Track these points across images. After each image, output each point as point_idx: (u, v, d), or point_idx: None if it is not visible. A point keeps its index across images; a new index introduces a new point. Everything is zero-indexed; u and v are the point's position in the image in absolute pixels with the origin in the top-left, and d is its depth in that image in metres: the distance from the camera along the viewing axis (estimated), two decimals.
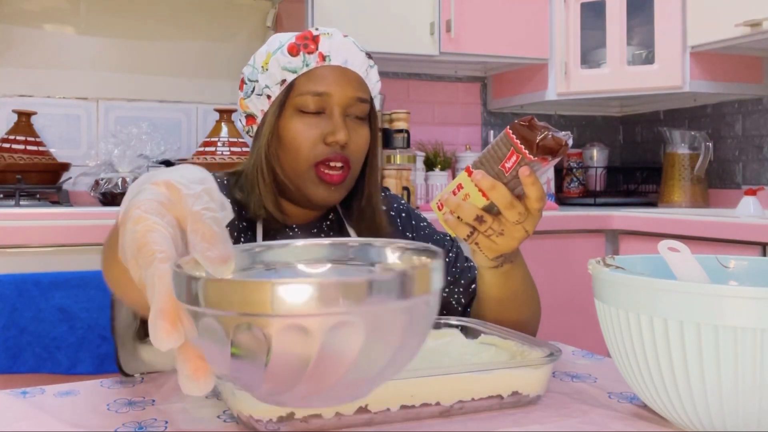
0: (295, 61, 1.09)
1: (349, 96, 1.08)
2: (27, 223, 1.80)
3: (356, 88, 1.10)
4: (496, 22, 2.67)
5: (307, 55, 1.08)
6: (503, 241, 0.91)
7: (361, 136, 1.11)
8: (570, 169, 3.12)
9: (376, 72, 1.15)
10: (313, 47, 1.09)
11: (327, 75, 1.08)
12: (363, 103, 1.10)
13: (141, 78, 2.63)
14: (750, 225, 1.96)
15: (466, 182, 0.87)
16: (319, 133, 1.07)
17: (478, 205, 0.87)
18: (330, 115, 1.08)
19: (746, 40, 2.33)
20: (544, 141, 0.82)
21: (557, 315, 2.34)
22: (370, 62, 1.14)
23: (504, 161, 0.85)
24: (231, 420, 0.75)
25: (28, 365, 1.45)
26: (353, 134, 1.09)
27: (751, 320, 0.62)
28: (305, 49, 1.09)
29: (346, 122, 1.09)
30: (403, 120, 2.53)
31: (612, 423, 0.76)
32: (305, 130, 1.07)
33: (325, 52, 1.09)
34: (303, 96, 1.08)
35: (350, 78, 1.09)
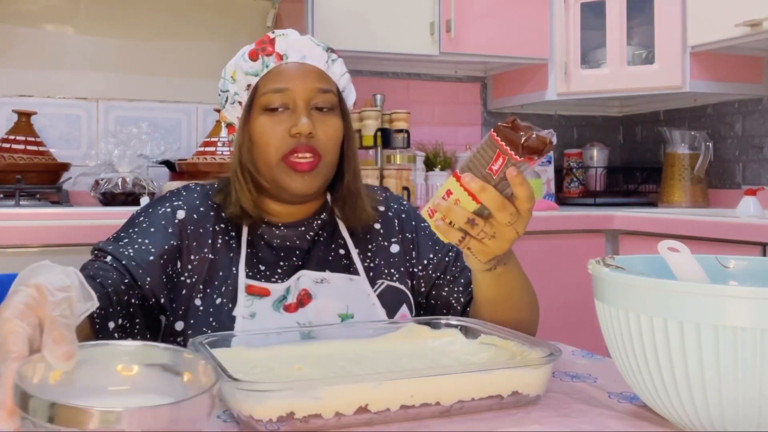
0: (256, 65, 1.14)
1: (309, 88, 1.12)
2: (27, 223, 1.80)
3: (316, 80, 1.13)
4: (496, 22, 2.67)
5: (265, 57, 1.14)
6: (495, 244, 0.91)
7: (329, 126, 1.14)
8: (570, 169, 3.12)
9: (340, 65, 1.18)
10: (270, 49, 1.14)
11: (286, 72, 1.13)
12: (326, 93, 1.14)
13: (141, 78, 2.63)
14: (750, 225, 1.96)
15: (455, 187, 0.88)
16: (285, 128, 1.11)
17: (469, 209, 0.88)
18: (294, 109, 1.12)
19: (746, 40, 2.33)
20: (529, 141, 0.83)
21: (557, 315, 2.34)
22: (331, 56, 1.17)
23: (491, 164, 0.86)
24: (231, 420, 0.75)
25: None
26: (320, 125, 1.12)
27: (751, 320, 0.62)
28: (263, 52, 1.14)
29: (311, 114, 1.12)
30: (403, 120, 2.53)
31: (612, 423, 0.76)
32: (271, 126, 1.12)
33: (282, 51, 1.14)
34: (266, 95, 1.12)
35: (309, 71, 1.14)
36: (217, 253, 1.13)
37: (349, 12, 2.49)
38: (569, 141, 3.28)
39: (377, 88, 2.86)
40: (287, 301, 1.10)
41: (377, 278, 1.18)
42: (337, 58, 1.18)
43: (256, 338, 0.94)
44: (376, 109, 2.53)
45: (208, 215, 1.15)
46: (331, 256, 1.18)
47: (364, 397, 0.73)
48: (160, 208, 1.14)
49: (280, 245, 1.17)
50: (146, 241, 1.09)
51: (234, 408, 0.73)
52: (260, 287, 1.11)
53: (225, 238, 1.15)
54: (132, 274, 1.06)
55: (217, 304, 1.09)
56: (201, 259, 1.11)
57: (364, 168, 2.45)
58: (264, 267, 1.14)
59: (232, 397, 0.73)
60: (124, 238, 1.10)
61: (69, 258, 1.78)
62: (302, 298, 1.10)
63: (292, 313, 1.09)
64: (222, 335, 0.92)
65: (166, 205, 1.15)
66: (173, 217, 1.13)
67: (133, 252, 1.07)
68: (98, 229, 1.82)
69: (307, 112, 1.12)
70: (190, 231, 1.12)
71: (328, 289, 1.13)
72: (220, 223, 1.16)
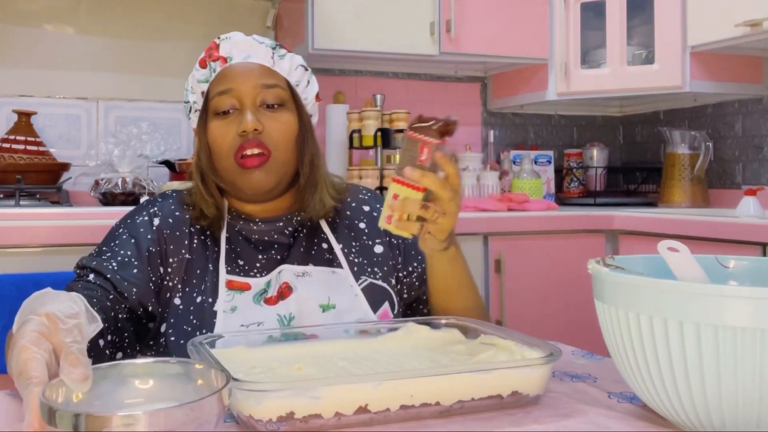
0: (205, 72, 1.17)
1: (253, 85, 1.13)
2: (27, 223, 1.80)
3: (259, 77, 1.14)
4: (496, 22, 2.67)
5: (212, 63, 1.16)
6: (447, 219, 1.01)
7: (278, 121, 1.14)
8: (570, 169, 3.12)
9: (289, 59, 1.18)
10: (216, 54, 1.16)
11: (231, 73, 1.14)
12: (272, 88, 1.14)
13: (141, 78, 2.63)
14: (750, 225, 1.96)
15: (399, 189, 0.98)
16: (235, 128, 1.12)
17: (418, 198, 0.98)
18: (241, 109, 1.13)
19: (746, 40, 2.33)
20: (439, 127, 0.99)
21: (557, 315, 2.34)
22: (278, 51, 1.18)
23: (419, 156, 0.98)
24: (231, 420, 0.76)
25: None
26: (268, 121, 1.13)
27: (751, 320, 0.62)
28: (210, 58, 1.16)
29: (259, 111, 1.13)
30: (403, 120, 2.53)
31: (612, 423, 0.76)
32: (223, 128, 1.13)
33: (226, 54, 1.16)
34: (214, 99, 1.14)
35: (252, 69, 1.14)
36: (194, 253, 1.14)
37: (349, 12, 2.49)
38: (569, 141, 3.28)
39: (377, 88, 2.86)
40: (268, 295, 1.11)
41: (361, 274, 1.18)
42: (286, 53, 1.18)
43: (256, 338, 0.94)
44: (376, 109, 2.53)
45: (183, 218, 1.17)
46: (314, 250, 1.19)
47: (364, 397, 0.74)
48: (138, 218, 1.16)
49: (258, 240, 1.18)
50: (128, 253, 1.10)
51: (234, 408, 0.73)
52: (240, 282, 1.12)
53: (201, 237, 1.16)
54: (117, 287, 1.07)
55: (197, 302, 1.10)
56: (179, 261, 1.13)
57: (364, 168, 2.45)
58: (243, 262, 1.15)
59: (232, 397, 0.73)
60: (107, 252, 1.11)
61: (69, 258, 1.78)
62: (283, 291, 1.11)
63: (273, 305, 1.10)
64: (222, 335, 0.92)
65: (143, 213, 1.16)
66: (150, 225, 1.14)
67: (116, 265, 1.09)
68: (98, 229, 1.82)
69: (253, 109, 1.13)
70: (167, 235, 1.14)
71: (310, 281, 1.14)
72: (192, 226, 1.17)
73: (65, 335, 0.68)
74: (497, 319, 2.28)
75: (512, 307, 2.30)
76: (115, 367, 0.70)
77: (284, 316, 1.10)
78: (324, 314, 1.12)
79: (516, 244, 2.31)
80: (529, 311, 2.32)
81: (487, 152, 3.06)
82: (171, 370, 0.71)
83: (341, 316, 1.13)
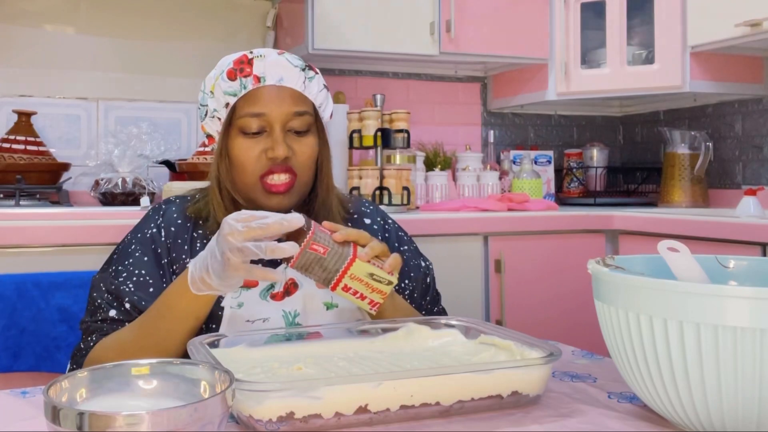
0: (234, 85, 1.17)
1: (285, 112, 1.15)
2: (27, 223, 1.80)
3: (292, 104, 1.16)
4: (496, 22, 2.67)
5: (243, 79, 1.16)
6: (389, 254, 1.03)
7: (305, 146, 1.17)
8: (570, 169, 3.12)
9: (317, 82, 1.20)
10: (248, 70, 1.16)
11: (263, 95, 1.15)
12: (302, 116, 1.16)
13: (141, 78, 2.63)
14: (750, 225, 1.96)
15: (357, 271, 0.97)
16: (261, 149, 1.15)
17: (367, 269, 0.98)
18: (270, 132, 1.15)
19: (746, 40, 2.33)
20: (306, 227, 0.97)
21: (557, 315, 2.34)
22: (308, 74, 1.19)
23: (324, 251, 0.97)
24: (231, 420, 0.76)
25: (28, 365, 1.45)
26: (296, 146, 1.16)
27: (751, 320, 0.62)
28: (241, 73, 1.16)
29: (287, 136, 1.15)
30: (403, 120, 2.53)
31: (612, 423, 0.76)
32: (249, 148, 1.15)
33: (260, 74, 1.16)
34: (243, 118, 1.15)
35: (285, 95, 1.16)
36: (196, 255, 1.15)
37: (349, 12, 2.49)
38: (569, 141, 3.28)
39: (377, 88, 2.86)
40: (274, 290, 1.13)
41: None
42: (315, 75, 1.20)
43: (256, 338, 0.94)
44: (376, 109, 2.53)
45: (185, 226, 1.19)
46: None
47: (364, 397, 0.74)
48: (147, 231, 1.19)
49: None
50: (143, 272, 1.14)
51: (234, 408, 0.73)
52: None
53: (203, 241, 1.18)
54: (136, 306, 1.12)
55: None
56: (181, 266, 1.16)
57: (364, 168, 2.45)
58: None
59: None
60: (122, 273, 1.15)
61: (69, 258, 1.78)
62: (289, 287, 1.14)
63: (279, 301, 1.12)
64: (222, 336, 0.92)
65: (151, 225, 1.19)
66: (160, 236, 1.18)
67: (133, 286, 1.13)
68: (98, 229, 1.82)
69: (283, 135, 1.15)
70: (170, 244, 1.17)
71: None
72: (198, 229, 1.19)
73: None
74: (497, 319, 2.28)
75: (512, 307, 2.30)
76: (120, 367, 0.71)
77: (289, 312, 1.12)
78: (327, 312, 1.14)
79: (516, 244, 2.31)
80: (529, 311, 2.32)
81: (487, 152, 3.06)
82: (175, 371, 0.71)
83: (343, 315, 1.15)
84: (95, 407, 0.65)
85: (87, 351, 1.10)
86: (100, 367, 0.69)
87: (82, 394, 0.66)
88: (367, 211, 1.32)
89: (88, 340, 1.11)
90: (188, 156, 2.53)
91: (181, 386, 0.70)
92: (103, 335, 1.10)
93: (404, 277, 1.26)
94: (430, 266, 1.33)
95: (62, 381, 0.65)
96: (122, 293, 1.12)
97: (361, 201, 1.35)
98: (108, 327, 1.11)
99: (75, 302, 1.48)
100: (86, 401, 0.66)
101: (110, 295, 1.13)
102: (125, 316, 1.11)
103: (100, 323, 1.12)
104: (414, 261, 1.30)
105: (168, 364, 0.73)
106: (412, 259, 1.29)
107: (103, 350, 1.08)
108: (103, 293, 1.14)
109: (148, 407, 0.61)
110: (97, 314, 1.13)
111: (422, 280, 1.29)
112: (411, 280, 1.26)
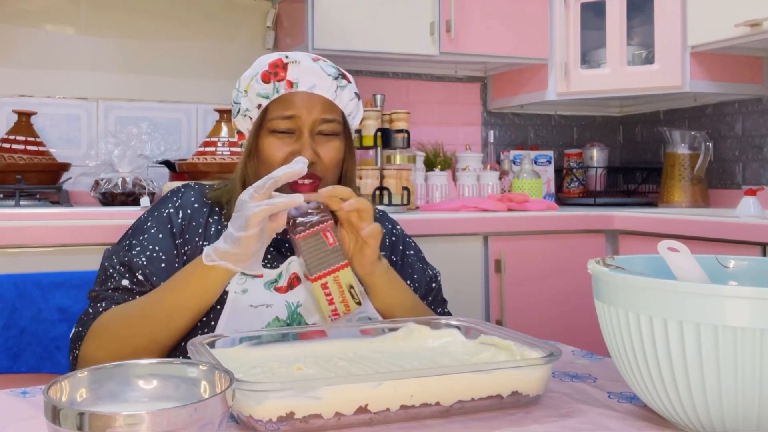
0: (268, 88, 1.19)
1: (315, 118, 1.18)
2: (27, 223, 1.80)
3: (322, 111, 1.19)
4: (496, 22, 2.67)
5: (277, 83, 1.19)
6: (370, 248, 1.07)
7: (331, 149, 1.20)
8: (570, 169, 3.12)
9: (350, 91, 1.23)
10: (282, 75, 1.19)
11: (295, 100, 1.18)
12: (330, 122, 1.19)
13: (141, 78, 2.63)
14: (750, 225, 1.96)
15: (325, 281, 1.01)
16: (289, 151, 1.17)
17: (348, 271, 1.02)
18: (299, 135, 1.18)
19: (746, 40, 2.33)
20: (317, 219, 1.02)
21: (557, 315, 2.34)
22: (340, 83, 1.21)
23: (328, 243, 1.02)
24: (231, 420, 0.75)
25: (28, 365, 1.45)
26: (322, 149, 1.19)
27: (751, 320, 0.62)
28: (275, 78, 1.19)
29: (315, 139, 1.19)
30: (403, 120, 2.53)
31: (612, 423, 0.76)
32: (278, 148, 1.18)
33: (293, 79, 1.18)
34: (274, 120, 1.18)
35: (316, 102, 1.19)
36: (210, 239, 1.18)
37: (349, 12, 2.49)
38: (569, 141, 3.28)
39: (377, 88, 2.86)
40: (278, 284, 1.15)
41: None
42: (347, 84, 1.22)
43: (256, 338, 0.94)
44: (376, 109, 2.53)
45: (201, 210, 1.22)
46: None
47: (364, 397, 0.74)
48: (164, 210, 1.22)
49: None
50: (156, 248, 1.17)
51: (234, 408, 0.73)
52: None
53: (218, 227, 1.21)
54: (148, 279, 1.14)
55: None
56: (193, 248, 1.18)
57: (364, 168, 2.45)
58: None
59: None
60: (136, 246, 1.17)
61: (69, 258, 1.78)
62: (292, 281, 1.16)
63: (283, 293, 1.14)
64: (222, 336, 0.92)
65: (168, 206, 1.22)
66: (176, 216, 1.21)
67: (145, 260, 1.15)
68: (98, 229, 1.82)
69: (311, 138, 1.18)
70: (185, 225, 1.20)
71: None
72: (213, 215, 1.22)
73: None
74: (497, 319, 2.28)
75: (512, 307, 2.30)
76: (120, 367, 0.71)
77: (292, 302, 1.13)
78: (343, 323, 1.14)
79: (516, 244, 2.31)
80: (529, 311, 2.32)
81: (487, 152, 3.06)
82: (175, 371, 0.71)
83: None
84: (95, 407, 0.64)
85: (95, 316, 1.11)
86: (100, 367, 0.69)
87: (82, 394, 0.66)
88: (376, 217, 1.33)
89: (97, 306, 1.13)
90: (188, 156, 2.52)
91: (181, 386, 0.70)
92: (113, 303, 1.12)
93: (406, 277, 1.26)
94: (438, 274, 1.35)
95: (62, 381, 0.65)
96: (135, 265, 1.14)
97: None
98: (119, 296, 1.13)
99: (75, 302, 1.48)
100: (86, 401, 0.66)
101: (123, 266, 1.15)
102: (137, 286, 1.13)
103: (111, 292, 1.14)
104: (419, 264, 1.31)
105: (168, 364, 0.73)
106: (417, 263, 1.31)
107: (110, 316, 1.09)
108: (115, 264, 1.16)
109: (148, 407, 0.61)
110: (108, 283, 1.15)
111: (426, 283, 1.30)
112: (413, 282, 1.27)
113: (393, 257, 1.28)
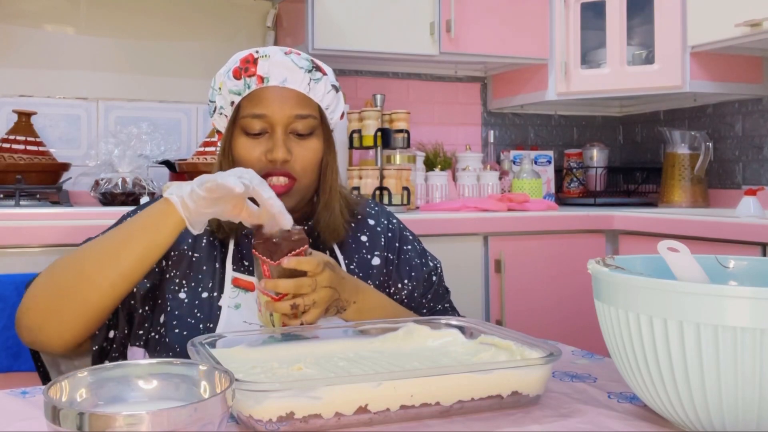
0: (239, 84, 1.16)
1: (287, 115, 1.15)
2: (27, 223, 1.80)
3: (294, 106, 1.15)
4: (496, 22, 2.67)
5: (247, 79, 1.16)
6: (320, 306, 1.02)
7: (307, 149, 1.17)
8: (570, 169, 3.12)
9: (325, 83, 1.19)
10: (253, 70, 1.16)
11: (266, 96, 1.15)
12: (305, 118, 1.16)
13: (141, 78, 2.63)
14: (750, 225, 1.96)
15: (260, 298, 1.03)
16: (262, 150, 1.15)
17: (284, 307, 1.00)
18: (271, 134, 1.15)
19: (746, 40, 2.33)
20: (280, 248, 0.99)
21: (557, 315, 2.34)
22: (314, 75, 1.18)
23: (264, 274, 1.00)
24: (231, 420, 0.75)
25: (29, 365, 1.45)
26: (297, 149, 1.16)
27: (751, 320, 0.62)
28: (246, 73, 1.16)
29: (289, 138, 1.15)
30: (403, 120, 2.53)
31: (612, 423, 0.76)
32: (250, 148, 1.15)
33: (264, 74, 1.15)
34: (246, 119, 1.15)
35: (289, 97, 1.15)
36: (201, 251, 1.16)
37: (349, 12, 2.49)
38: (569, 141, 3.28)
39: (377, 88, 2.86)
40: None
41: None
42: (322, 77, 1.18)
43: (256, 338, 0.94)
44: (376, 109, 2.53)
45: None
46: None
47: (364, 397, 0.74)
48: None
49: None
50: None
51: (234, 408, 0.73)
52: (246, 281, 1.15)
53: (210, 239, 1.18)
54: None
55: (203, 297, 1.13)
56: (179, 255, 1.15)
57: (364, 168, 2.45)
58: (248, 263, 1.18)
59: None
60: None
61: None
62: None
63: None
64: (222, 336, 0.92)
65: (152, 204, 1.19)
66: None
67: None
68: (98, 229, 1.80)
69: (284, 137, 1.15)
70: None
71: None
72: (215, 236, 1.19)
73: None
74: (497, 319, 2.28)
75: (512, 307, 2.30)
76: (120, 367, 0.71)
77: None
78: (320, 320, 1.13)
79: (516, 244, 2.31)
80: (529, 311, 2.32)
81: (487, 152, 3.06)
82: (175, 371, 0.71)
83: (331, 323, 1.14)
84: (95, 407, 0.65)
85: None
86: (100, 367, 0.69)
87: (82, 394, 0.66)
88: (372, 212, 1.32)
89: None
90: (188, 156, 2.53)
91: (181, 386, 0.70)
92: None
93: (404, 277, 1.26)
94: (438, 265, 1.32)
95: (62, 381, 0.65)
96: None
97: (367, 202, 1.35)
98: None
99: None
100: (86, 401, 0.66)
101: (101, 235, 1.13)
102: None
103: None
104: (416, 261, 1.29)
105: (168, 364, 0.73)
106: (414, 259, 1.29)
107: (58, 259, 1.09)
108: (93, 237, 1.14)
109: (148, 407, 0.61)
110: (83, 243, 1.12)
111: (425, 279, 1.29)
112: (411, 280, 1.26)
113: (389, 255, 1.27)
